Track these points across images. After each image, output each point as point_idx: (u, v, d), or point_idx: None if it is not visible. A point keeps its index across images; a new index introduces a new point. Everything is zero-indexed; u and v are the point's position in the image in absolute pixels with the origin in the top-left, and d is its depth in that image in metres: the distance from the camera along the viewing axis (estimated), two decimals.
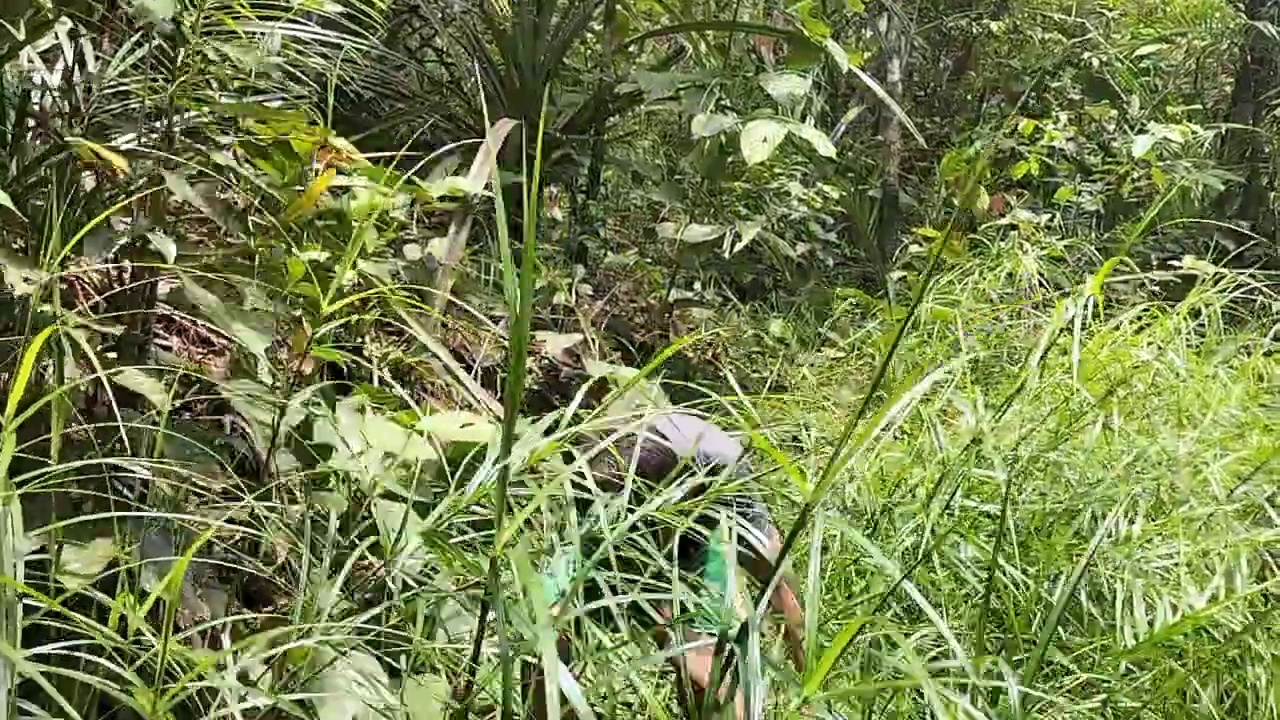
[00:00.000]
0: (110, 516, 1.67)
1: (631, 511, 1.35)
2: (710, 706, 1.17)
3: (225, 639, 1.61)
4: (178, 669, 1.22)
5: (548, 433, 1.69)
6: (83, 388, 1.90)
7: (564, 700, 0.97)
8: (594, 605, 1.37)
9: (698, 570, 1.99)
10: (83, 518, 1.69)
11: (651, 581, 1.30)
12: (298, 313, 2.92)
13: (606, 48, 5.33)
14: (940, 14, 8.69)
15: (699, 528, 1.44)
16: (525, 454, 1.31)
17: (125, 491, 1.76)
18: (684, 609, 1.43)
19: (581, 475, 1.34)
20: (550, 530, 1.83)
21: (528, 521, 1.36)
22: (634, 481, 1.35)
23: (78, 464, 1.38)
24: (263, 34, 2.40)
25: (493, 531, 2.45)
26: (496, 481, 1.14)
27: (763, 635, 1.83)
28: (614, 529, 1.32)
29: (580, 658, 1.78)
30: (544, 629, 0.93)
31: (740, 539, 1.86)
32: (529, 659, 1.74)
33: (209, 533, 1.14)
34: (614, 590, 1.27)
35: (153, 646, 1.20)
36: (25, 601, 1.18)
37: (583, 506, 2.01)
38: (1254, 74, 8.33)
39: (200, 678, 1.16)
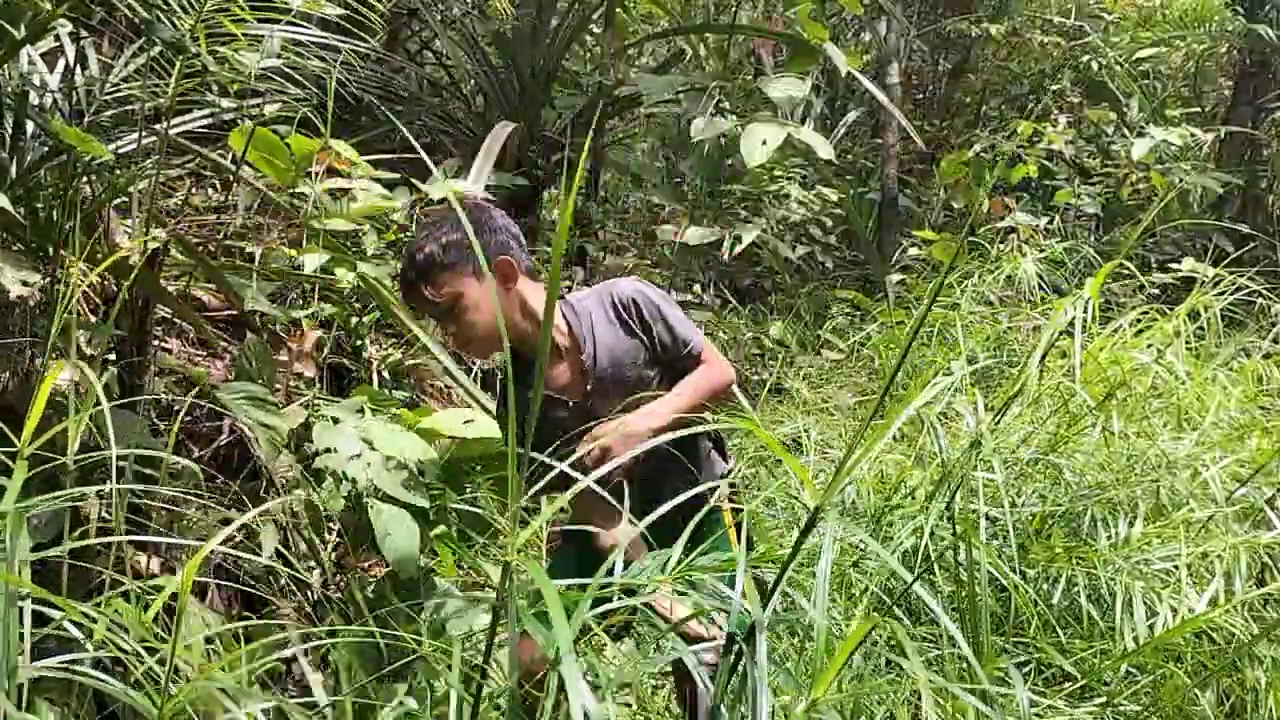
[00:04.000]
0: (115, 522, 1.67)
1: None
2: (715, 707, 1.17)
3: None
4: (179, 673, 1.22)
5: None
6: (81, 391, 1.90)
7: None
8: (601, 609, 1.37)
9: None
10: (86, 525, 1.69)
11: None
12: (299, 315, 2.92)
13: (606, 51, 5.33)
14: (939, 17, 8.70)
15: None
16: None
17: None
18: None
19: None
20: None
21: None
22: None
23: (88, 456, 1.39)
24: (262, 37, 2.40)
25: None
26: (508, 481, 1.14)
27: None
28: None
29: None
30: (563, 636, 0.93)
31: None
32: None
33: (214, 541, 1.14)
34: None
35: (155, 652, 1.20)
36: (34, 609, 1.18)
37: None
38: (1253, 77, 8.35)
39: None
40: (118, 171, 2.29)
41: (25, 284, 1.89)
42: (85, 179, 2.17)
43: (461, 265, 1.92)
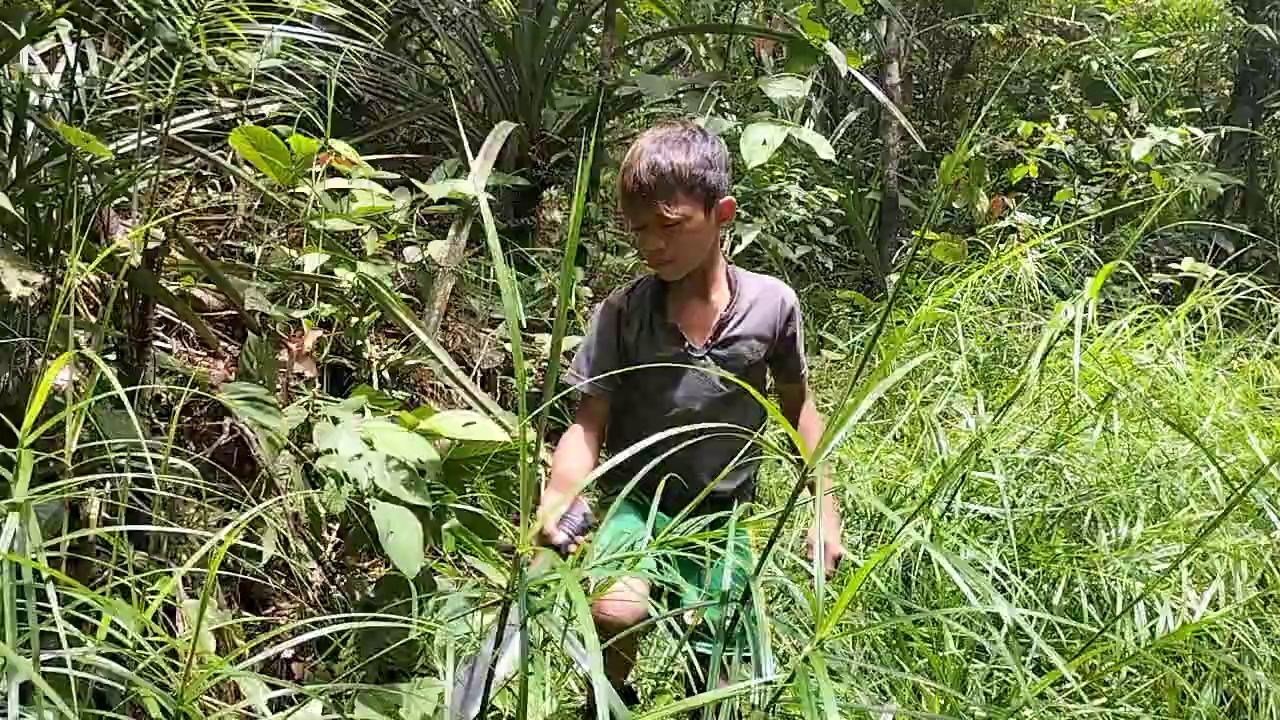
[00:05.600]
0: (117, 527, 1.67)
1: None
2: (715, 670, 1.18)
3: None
4: (171, 670, 1.22)
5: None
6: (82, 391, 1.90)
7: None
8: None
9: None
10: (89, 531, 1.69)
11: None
12: (299, 315, 2.92)
13: (606, 51, 5.33)
14: (940, 17, 8.71)
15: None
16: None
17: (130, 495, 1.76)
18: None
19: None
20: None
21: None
22: None
23: (88, 447, 1.38)
24: (262, 37, 2.40)
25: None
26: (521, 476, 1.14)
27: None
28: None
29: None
30: (589, 635, 0.93)
31: None
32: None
33: (213, 543, 1.14)
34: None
35: (156, 647, 1.20)
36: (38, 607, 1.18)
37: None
38: (1253, 77, 8.34)
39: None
40: (118, 171, 2.29)
41: (25, 284, 1.89)
42: (85, 179, 2.17)
43: (700, 191, 1.99)
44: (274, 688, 1.62)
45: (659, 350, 2.09)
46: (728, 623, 1.23)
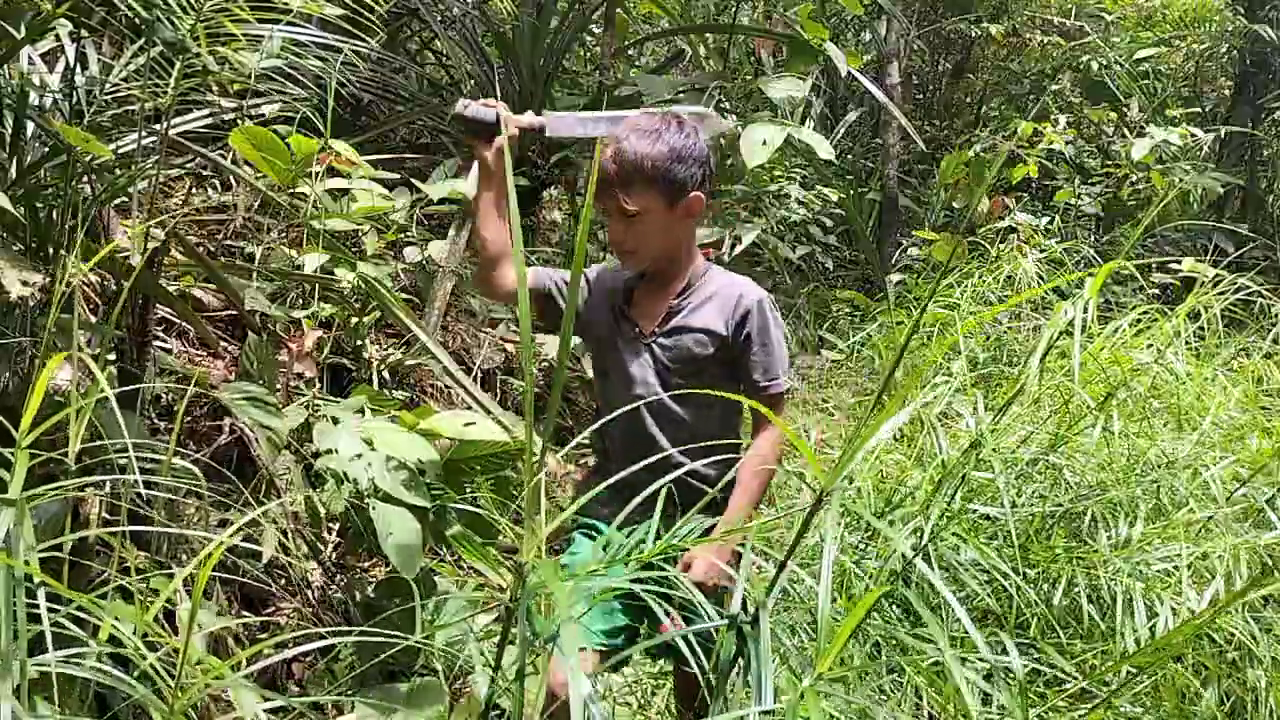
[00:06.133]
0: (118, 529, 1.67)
1: None
2: (718, 691, 1.17)
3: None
4: (168, 674, 1.22)
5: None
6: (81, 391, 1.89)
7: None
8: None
9: None
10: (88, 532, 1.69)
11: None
12: (299, 315, 2.92)
13: (606, 51, 5.33)
14: (940, 17, 8.70)
15: None
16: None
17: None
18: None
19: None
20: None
21: None
22: None
23: (90, 446, 1.38)
24: (262, 37, 2.40)
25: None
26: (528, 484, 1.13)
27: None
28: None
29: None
30: (567, 632, 0.93)
31: None
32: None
33: (217, 543, 1.14)
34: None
35: (157, 650, 1.20)
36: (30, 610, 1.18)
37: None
38: (1253, 77, 8.35)
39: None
40: (118, 171, 2.29)
41: (25, 284, 1.89)
42: (85, 179, 2.17)
43: (663, 184, 1.94)
44: (274, 686, 1.62)
45: (612, 333, 2.07)
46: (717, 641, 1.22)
